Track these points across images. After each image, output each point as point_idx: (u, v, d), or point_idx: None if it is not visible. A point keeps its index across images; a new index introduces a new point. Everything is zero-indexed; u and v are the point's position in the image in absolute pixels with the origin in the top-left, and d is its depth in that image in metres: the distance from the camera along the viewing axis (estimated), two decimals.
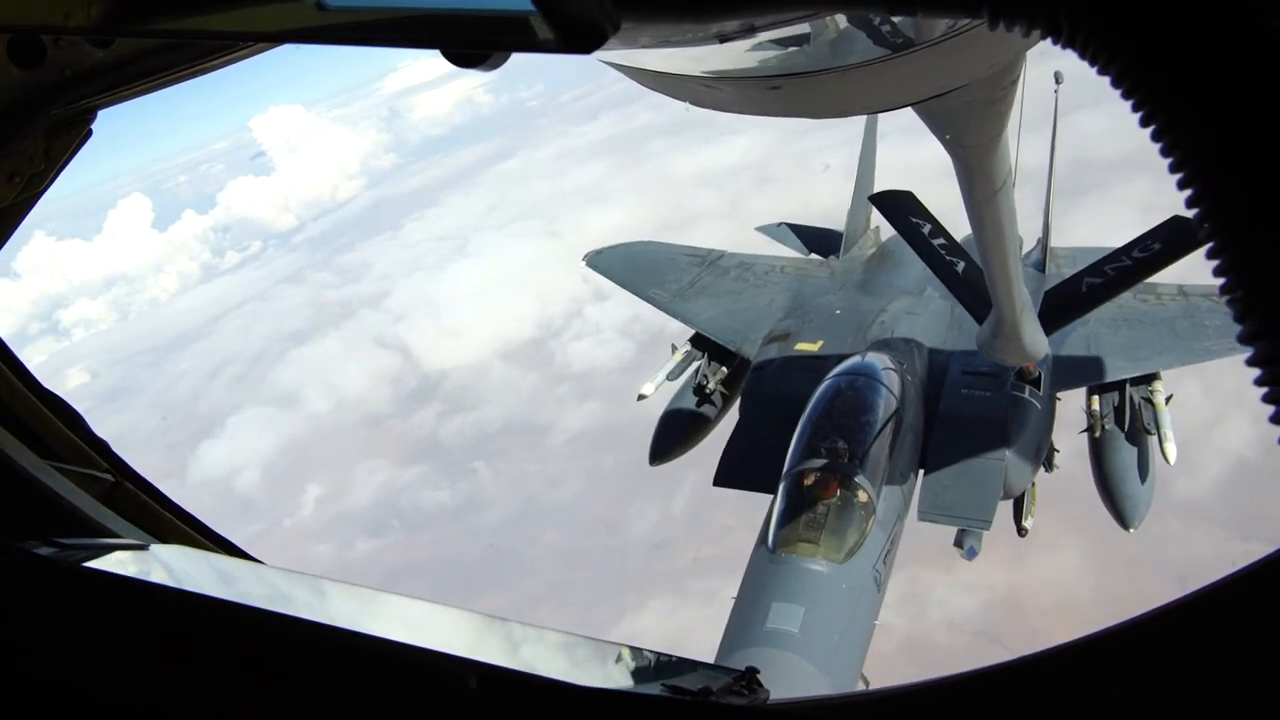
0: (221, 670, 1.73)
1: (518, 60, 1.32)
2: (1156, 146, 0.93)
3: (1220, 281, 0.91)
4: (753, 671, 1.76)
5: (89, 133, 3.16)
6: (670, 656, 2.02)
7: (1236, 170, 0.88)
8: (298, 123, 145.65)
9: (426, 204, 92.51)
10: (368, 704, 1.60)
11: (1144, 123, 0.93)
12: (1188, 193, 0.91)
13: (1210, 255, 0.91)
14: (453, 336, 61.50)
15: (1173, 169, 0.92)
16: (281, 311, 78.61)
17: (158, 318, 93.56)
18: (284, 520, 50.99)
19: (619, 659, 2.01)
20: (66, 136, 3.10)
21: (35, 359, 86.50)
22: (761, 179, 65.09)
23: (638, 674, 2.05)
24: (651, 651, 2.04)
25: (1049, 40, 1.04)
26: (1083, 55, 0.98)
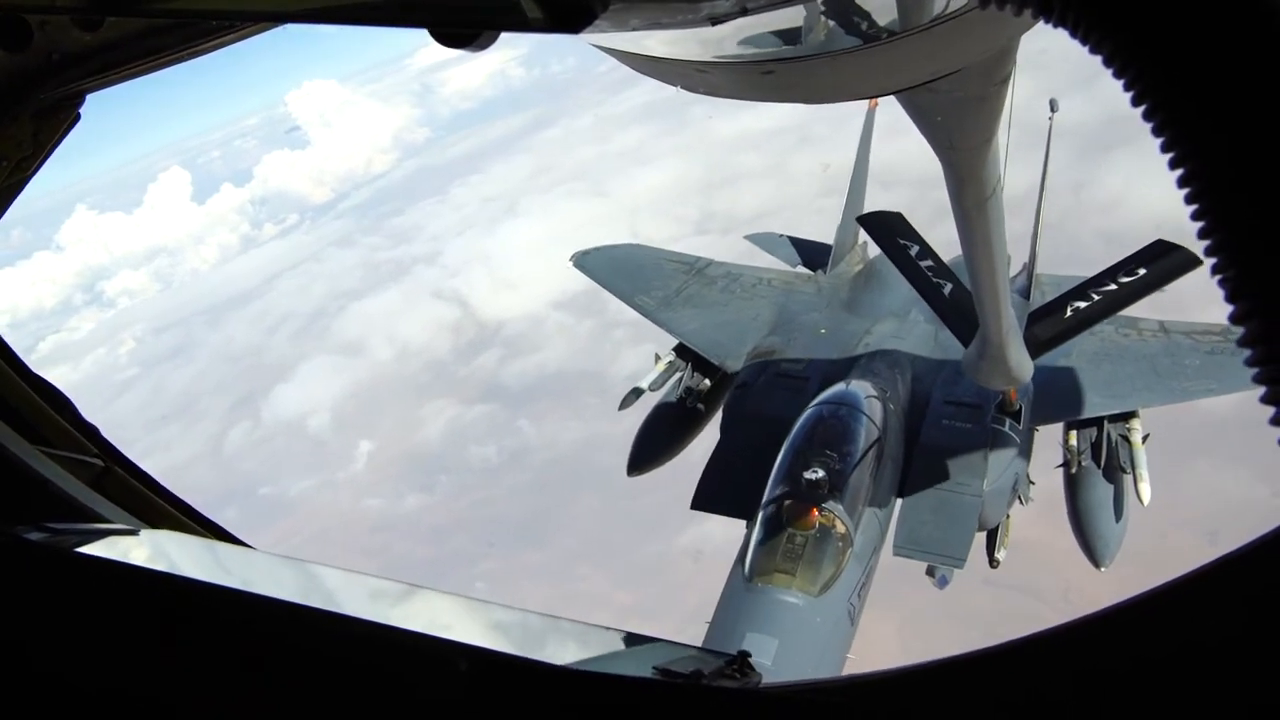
0: (211, 655, 1.73)
1: (550, 36, 1.32)
2: (1148, 126, 0.93)
3: (1211, 262, 0.91)
4: (745, 655, 1.76)
5: (77, 116, 3.13)
6: (662, 640, 2.02)
7: (1227, 151, 0.88)
8: (331, 97, 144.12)
9: (471, 170, 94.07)
10: (357, 688, 1.60)
11: (1135, 102, 0.93)
12: (1178, 173, 0.91)
13: (1201, 236, 0.91)
14: (508, 289, 63.91)
15: (1164, 149, 0.92)
16: (336, 271, 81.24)
17: (210, 282, 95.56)
18: (338, 474, 53.39)
19: (610, 642, 2.02)
20: (54, 121, 3.07)
21: (85, 326, 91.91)
22: (802, 140, 65.53)
23: (629, 657, 2.05)
24: (643, 635, 2.04)
25: (1041, 20, 1.04)
26: (1074, 35, 0.98)
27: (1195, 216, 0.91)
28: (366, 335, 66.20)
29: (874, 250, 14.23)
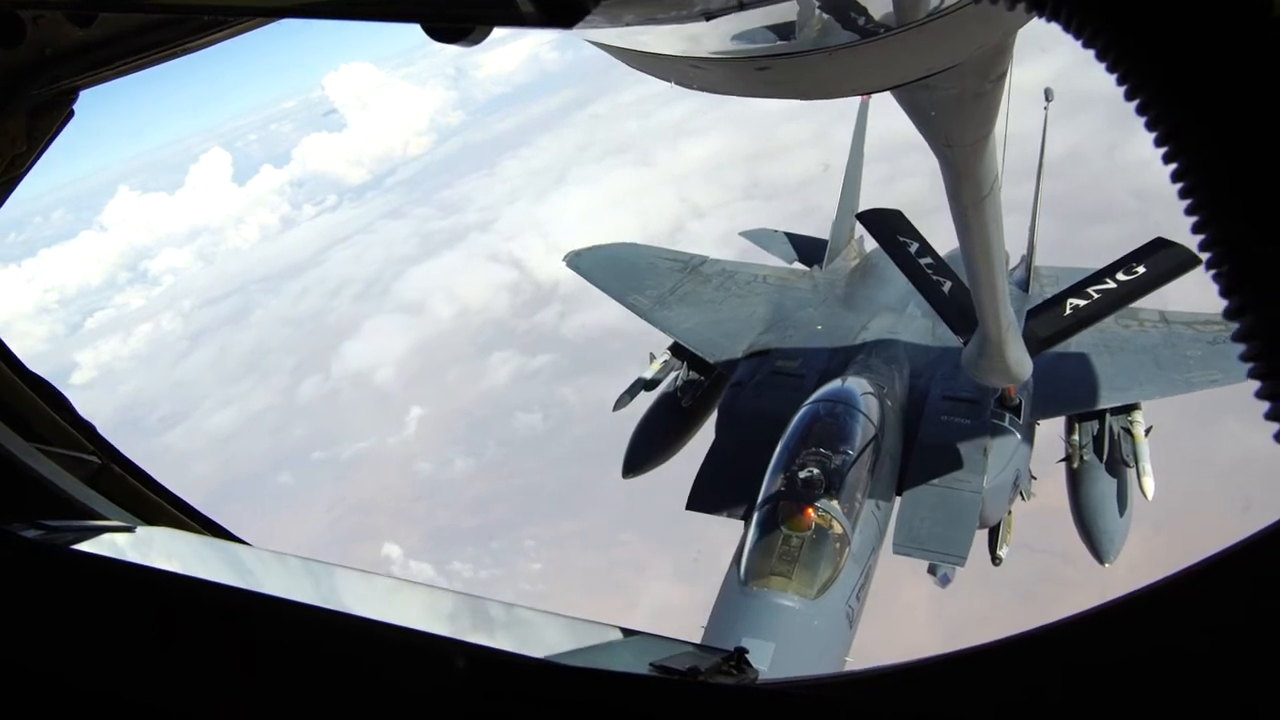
0: (208, 652, 1.73)
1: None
2: (1142, 121, 0.93)
3: (1206, 257, 0.91)
4: (742, 651, 1.76)
5: (71, 113, 3.13)
6: (659, 636, 2.02)
7: (1221, 145, 0.88)
8: (368, 81, 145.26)
9: (518, 144, 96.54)
10: (354, 685, 1.60)
11: (1129, 97, 0.93)
12: (1172, 168, 0.91)
13: (1195, 230, 0.91)
14: (562, 251, 65.90)
15: (1158, 143, 0.91)
16: (391, 239, 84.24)
17: (260, 255, 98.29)
18: (389, 438, 55.76)
19: (607, 639, 2.02)
20: (49, 117, 3.06)
21: (133, 303, 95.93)
22: (842, 114, 67.53)
23: (626, 654, 2.05)
24: (640, 631, 2.04)
25: (1035, 16, 1.04)
26: (1067, 29, 0.98)
27: (1189, 211, 0.91)
28: (427, 295, 69.66)
29: (870, 244, 14.13)
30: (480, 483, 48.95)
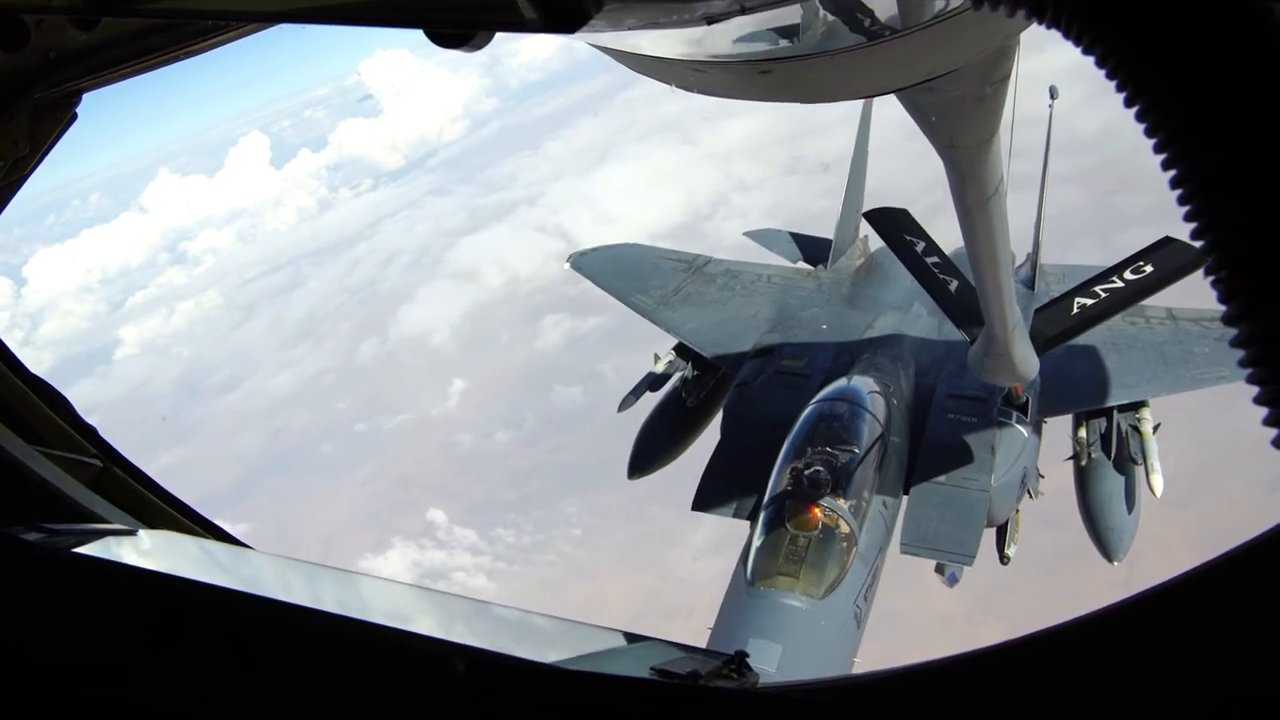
0: (209, 655, 1.73)
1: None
2: (1141, 127, 0.93)
3: (1207, 262, 0.91)
4: (742, 655, 1.76)
5: (74, 116, 3.13)
6: (660, 640, 2.02)
7: (1219, 154, 0.88)
8: (404, 67, 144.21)
9: (560, 126, 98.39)
10: (355, 688, 1.60)
11: (1128, 104, 0.93)
12: (1171, 174, 0.91)
13: (1194, 236, 0.91)
14: (609, 223, 67.20)
15: (1157, 149, 0.91)
16: (439, 213, 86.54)
17: (303, 234, 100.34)
18: (431, 410, 57.52)
19: (608, 643, 2.02)
20: (51, 120, 3.07)
21: (176, 281, 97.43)
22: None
23: (627, 657, 2.05)
24: (641, 635, 2.04)
25: (1034, 21, 1.04)
26: (1066, 35, 0.98)
27: (1189, 218, 0.91)
28: (478, 264, 72.18)
29: (875, 243, 14.13)
30: (519, 456, 50.27)
